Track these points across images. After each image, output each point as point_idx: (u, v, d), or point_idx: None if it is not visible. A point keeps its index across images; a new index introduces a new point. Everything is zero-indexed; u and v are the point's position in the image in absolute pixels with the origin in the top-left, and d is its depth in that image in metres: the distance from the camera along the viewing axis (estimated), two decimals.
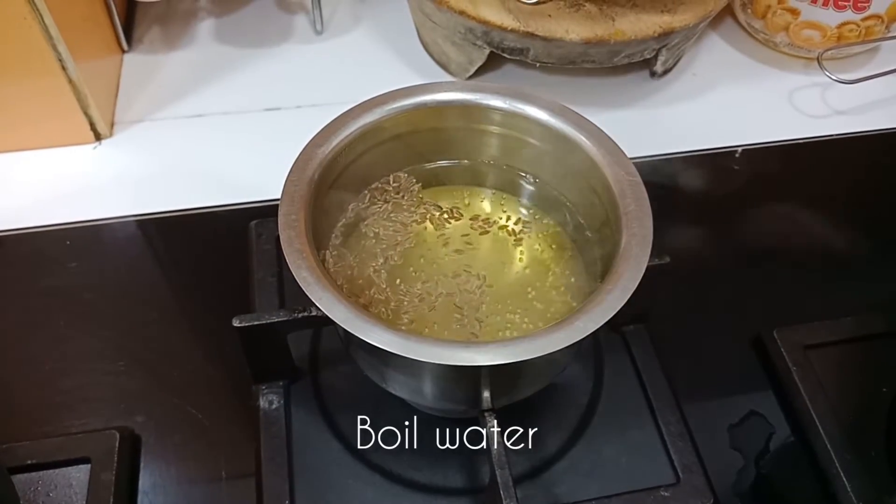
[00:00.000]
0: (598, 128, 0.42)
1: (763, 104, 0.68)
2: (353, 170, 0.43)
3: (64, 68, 0.55)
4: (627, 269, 0.36)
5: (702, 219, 0.60)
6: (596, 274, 0.41)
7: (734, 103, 0.67)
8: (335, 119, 0.42)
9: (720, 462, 0.46)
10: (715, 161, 0.63)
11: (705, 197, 0.62)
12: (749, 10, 0.69)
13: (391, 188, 0.45)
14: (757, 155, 0.64)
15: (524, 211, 0.46)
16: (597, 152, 0.41)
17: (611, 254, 0.39)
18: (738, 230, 0.59)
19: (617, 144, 0.41)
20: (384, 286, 0.42)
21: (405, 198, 0.45)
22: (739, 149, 0.64)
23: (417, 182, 0.45)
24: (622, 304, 0.35)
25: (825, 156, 0.64)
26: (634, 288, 0.35)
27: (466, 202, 0.46)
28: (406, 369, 0.38)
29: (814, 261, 0.57)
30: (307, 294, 0.35)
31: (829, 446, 0.45)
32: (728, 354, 0.51)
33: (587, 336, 0.34)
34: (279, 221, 0.37)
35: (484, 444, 0.39)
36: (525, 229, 0.45)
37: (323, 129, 0.41)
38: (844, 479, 0.44)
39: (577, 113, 0.42)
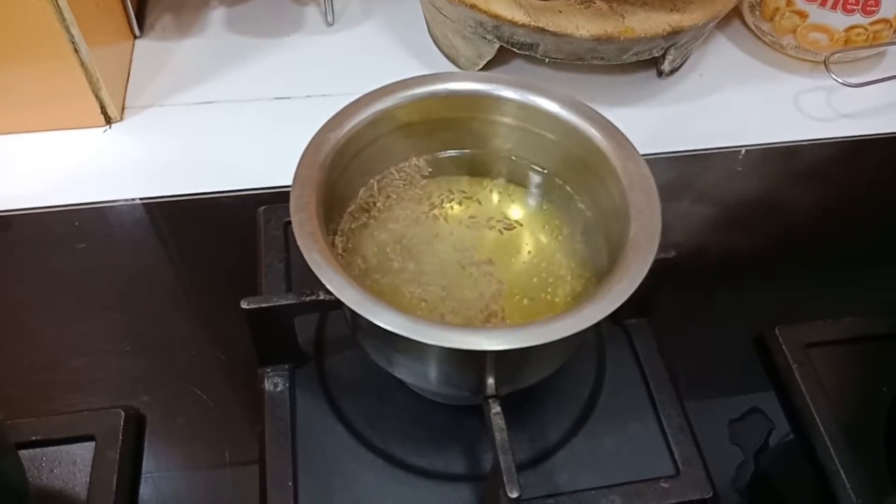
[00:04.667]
0: (609, 121, 0.42)
1: (768, 106, 0.68)
2: (364, 156, 0.43)
3: (76, 51, 0.56)
4: (635, 261, 0.36)
5: (705, 217, 0.60)
6: (602, 265, 0.42)
7: (740, 104, 0.68)
8: (348, 105, 0.42)
9: (720, 456, 0.46)
10: (719, 161, 0.63)
11: (709, 196, 0.62)
12: (757, 12, 0.70)
13: (401, 175, 0.45)
14: (761, 156, 0.64)
15: (532, 202, 0.46)
16: (607, 145, 0.41)
17: (618, 246, 0.39)
18: (741, 229, 0.59)
19: (627, 138, 0.42)
20: (393, 272, 0.42)
21: (415, 186, 0.45)
22: (743, 149, 0.64)
23: (428, 169, 0.46)
24: (630, 294, 0.35)
25: (829, 158, 0.64)
26: (642, 278, 0.36)
27: (475, 192, 0.46)
28: (413, 353, 0.38)
29: (817, 261, 0.58)
30: (318, 275, 0.35)
31: (828, 444, 0.45)
32: (729, 351, 0.51)
33: (594, 325, 0.35)
34: (291, 204, 0.38)
35: (487, 430, 0.39)
36: (533, 220, 0.45)
37: (336, 115, 0.41)
38: (844, 477, 0.44)
39: (588, 106, 0.43)
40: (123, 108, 0.63)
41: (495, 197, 0.46)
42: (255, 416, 0.45)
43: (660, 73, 0.68)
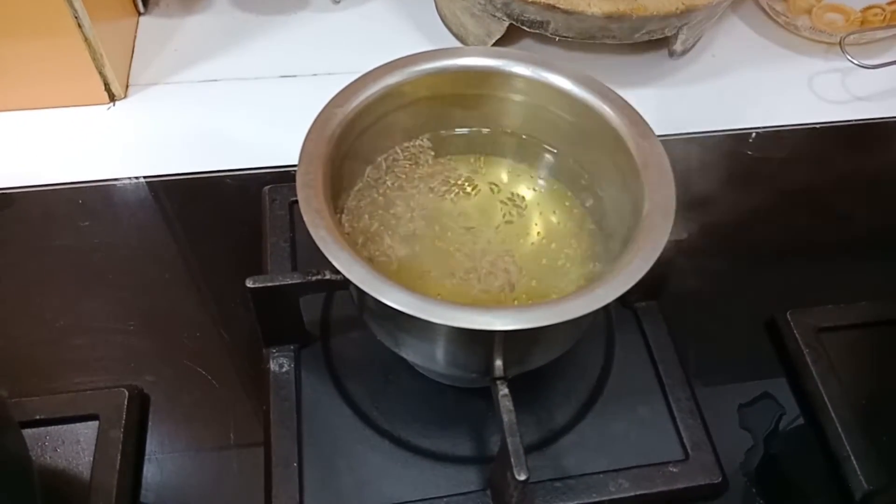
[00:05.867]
0: (623, 99, 0.41)
1: (781, 88, 0.67)
2: (372, 132, 0.42)
3: (80, 26, 0.55)
4: (649, 240, 0.36)
5: (716, 199, 0.59)
6: (614, 246, 0.41)
7: (752, 86, 0.67)
8: (356, 80, 0.41)
9: (729, 441, 0.45)
10: (731, 143, 0.63)
11: (720, 178, 0.61)
12: None
13: (409, 153, 0.45)
14: (773, 138, 0.63)
15: (543, 181, 0.45)
16: (620, 123, 0.41)
17: (630, 225, 0.39)
18: (753, 212, 0.58)
19: (641, 116, 0.41)
20: (399, 252, 0.41)
21: (423, 164, 0.45)
22: (755, 132, 0.63)
23: (437, 148, 0.45)
24: (644, 273, 0.34)
25: (843, 141, 0.64)
26: (656, 257, 0.35)
27: (485, 171, 0.46)
28: (421, 333, 0.38)
29: (829, 245, 0.57)
30: (324, 253, 0.35)
31: (839, 429, 0.45)
32: (740, 334, 0.51)
33: (604, 306, 0.34)
34: (297, 180, 0.37)
35: (494, 412, 0.38)
36: (543, 200, 0.45)
37: (344, 90, 0.41)
38: (855, 462, 0.44)
39: (601, 83, 0.42)
40: (127, 86, 0.62)
41: (505, 176, 0.46)
42: (260, 396, 0.45)
43: (671, 54, 0.66)
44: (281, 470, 0.42)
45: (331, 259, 0.35)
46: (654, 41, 0.63)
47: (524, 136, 0.46)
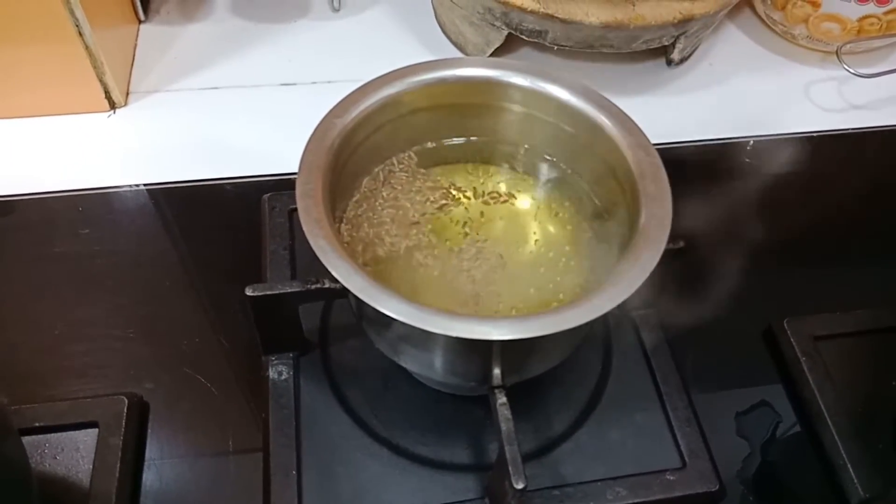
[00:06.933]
0: (620, 109, 0.42)
1: (778, 96, 0.67)
2: (371, 142, 0.43)
3: (80, 34, 0.55)
4: (646, 250, 0.36)
5: (713, 208, 0.59)
6: (611, 255, 0.41)
7: (749, 95, 0.67)
8: (355, 90, 0.42)
9: (726, 448, 0.46)
10: (728, 151, 0.63)
11: (717, 187, 0.61)
12: (769, 2, 0.69)
13: (408, 163, 0.45)
14: (770, 146, 0.63)
15: (540, 191, 0.46)
16: (617, 133, 0.41)
17: (627, 235, 0.39)
18: (750, 221, 0.58)
19: (638, 126, 0.41)
20: (397, 261, 0.42)
21: (421, 174, 0.45)
22: (752, 140, 0.64)
23: (435, 157, 0.45)
24: (640, 284, 0.35)
25: (840, 149, 0.64)
26: (653, 268, 0.35)
27: (482, 181, 0.46)
28: (419, 342, 0.38)
29: (826, 253, 0.57)
30: (323, 262, 0.35)
31: (836, 437, 0.45)
32: (737, 342, 0.51)
33: (602, 315, 0.34)
34: (297, 190, 0.37)
35: (493, 420, 0.38)
36: (541, 209, 0.45)
37: (343, 100, 0.41)
38: (851, 470, 0.44)
39: (598, 93, 0.42)
40: (128, 93, 0.62)
41: (503, 185, 0.46)
42: (259, 404, 0.45)
43: (669, 62, 0.67)
44: (280, 477, 0.42)
45: (329, 269, 0.35)
46: (651, 50, 0.63)
47: (522, 146, 0.46)
